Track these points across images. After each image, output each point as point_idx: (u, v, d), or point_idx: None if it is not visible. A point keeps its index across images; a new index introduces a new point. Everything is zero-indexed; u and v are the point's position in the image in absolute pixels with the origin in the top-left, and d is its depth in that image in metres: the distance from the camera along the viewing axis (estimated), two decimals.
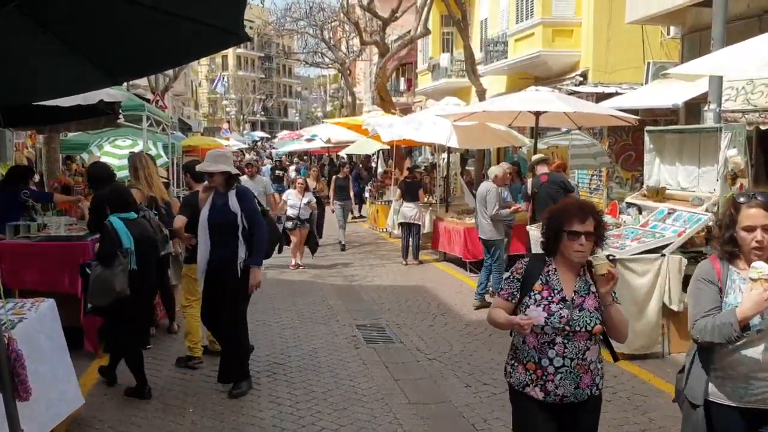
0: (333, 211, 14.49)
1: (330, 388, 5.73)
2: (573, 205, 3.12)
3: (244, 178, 11.07)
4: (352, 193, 15.74)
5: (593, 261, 2.96)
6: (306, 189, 11.71)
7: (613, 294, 3.03)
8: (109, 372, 5.72)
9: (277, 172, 24.28)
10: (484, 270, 8.89)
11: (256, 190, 10.62)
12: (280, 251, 10.91)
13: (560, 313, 2.96)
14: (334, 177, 15.57)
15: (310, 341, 7.13)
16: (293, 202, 11.50)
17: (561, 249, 3.02)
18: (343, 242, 14.06)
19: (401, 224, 12.38)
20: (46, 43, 3.10)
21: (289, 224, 11.40)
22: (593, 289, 3.04)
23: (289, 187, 14.72)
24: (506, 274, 3.13)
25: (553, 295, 3.01)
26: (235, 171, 5.61)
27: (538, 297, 3.02)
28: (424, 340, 7.15)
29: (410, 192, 12.32)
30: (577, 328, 2.95)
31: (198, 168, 5.89)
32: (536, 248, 8.21)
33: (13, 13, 2.87)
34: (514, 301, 3.09)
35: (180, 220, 6.07)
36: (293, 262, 11.55)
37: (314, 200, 11.92)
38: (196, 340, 6.32)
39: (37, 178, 11.10)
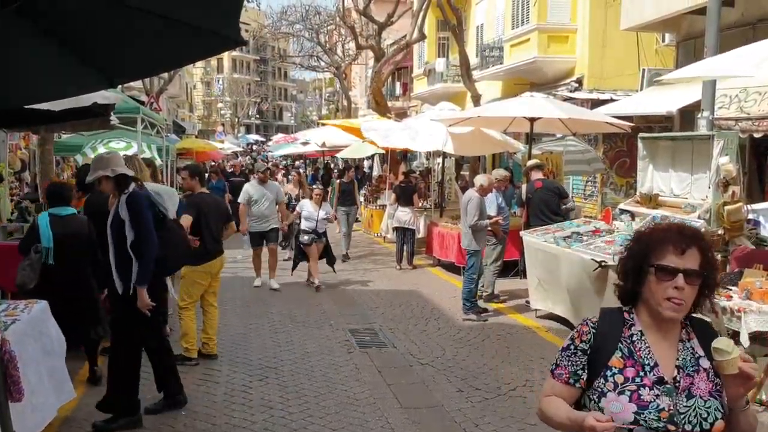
0: (336, 219, 12.99)
1: (322, 392, 5.72)
2: (668, 228, 2.08)
3: (252, 183, 10.32)
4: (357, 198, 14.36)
5: (715, 354, 1.92)
6: (323, 199, 10.47)
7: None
8: (93, 374, 5.80)
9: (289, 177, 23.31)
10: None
11: (267, 197, 9.88)
12: (294, 267, 10.40)
13: (658, 404, 1.93)
14: (338, 182, 14.46)
15: (302, 345, 7.12)
16: (309, 213, 10.12)
17: (646, 296, 2.00)
18: (345, 251, 12.98)
19: (396, 229, 12.38)
20: (44, 45, 3.10)
21: (305, 238, 10.07)
22: (704, 363, 2.01)
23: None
24: (565, 342, 2.12)
25: (643, 374, 1.97)
26: (115, 173, 4.80)
27: (619, 378, 1.98)
28: (417, 345, 7.15)
29: (405, 196, 12.34)
30: (688, 427, 1.91)
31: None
32: (529, 254, 8.28)
33: (12, 16, 2.87)
34: (578, 385, 2.04)
35: (187, 219, 6.20)
36: (316, 283, 10.06)
37: (332, 212, 10.78)
38: (193, 342, 6.36)
39: (29, 178, 11.08)
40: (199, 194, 6.61)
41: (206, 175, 18.29)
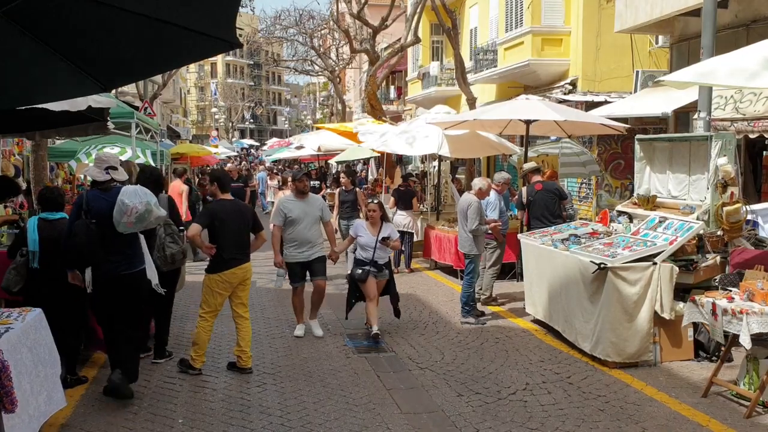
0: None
1: (321, 398, 5.67)
2: None
3: (289, 198, 7.69)
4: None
5: None
6: (383, 218, 7.61)
7: None
8: (64, 381, 5.66)
9: (312, 183, 19.70)
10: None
11: (310, 216, 7.49)
12: (349, 308, 7.69)
13: None
14: (337, 191, 12.68)
15: (300, 351, 7.07)
16: (366, 239, 7.45)
17: None
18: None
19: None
20: (34, 49, 3.06)
21: (358, 272, 7.41)
22: None
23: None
24: None
25: None
26: (93, 175, 5.62)
27: None
28: (415, 349, 7.10)
29: (404, 200, 12.29)
30: None
31: None
32: (527, 256, 8.23)
33: (1, 20, 2.83)
34: None
35: (193, 228, 6.14)
36: (374, 330, 7.34)
37: (397, 235, 7.90)
38: (200, 353, 6.24)
39: (24, 185, 10.98)
40: (219, 201, 6.35)
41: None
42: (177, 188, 12.46)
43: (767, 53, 5.04)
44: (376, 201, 7.72)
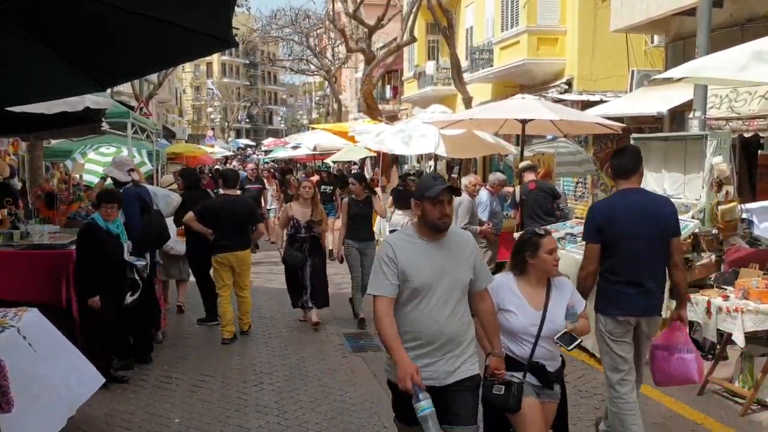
0: (341, 259, 8.30)
1: (317, 397, 5.68)
2: None
3: (403, 231, 4.22)
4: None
5: None
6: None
7: None
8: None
9: (323, 187, 14.08)
10: None
11: (455, 277, 3.44)
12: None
13: None
14: (345, 200, 8.63)
15: (297, 350, 7.07)
16: (523, 319, 3.73)
17: None
18: (359, 313, 8.02)
19: (392, 232, 12.30)
20: (31, 47, 3.06)
21: (503, 387, 3.51)
22: None
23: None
24: None
25: None
26: (117, 176, 6.83)
27: None
28: None
29: (402, 200, 12.26)
30: None
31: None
32: None
33: None
34: None
35: (188, 216, 7.35)
36: None
37: (583, 304, 4.07)
38: (223, 324, 7.38)
39: (19, 185, 10.95)
40: (219, 195, 7.99)
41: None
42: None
43: (757, 47, 5.09)
44: (540, 230, 3.97)
